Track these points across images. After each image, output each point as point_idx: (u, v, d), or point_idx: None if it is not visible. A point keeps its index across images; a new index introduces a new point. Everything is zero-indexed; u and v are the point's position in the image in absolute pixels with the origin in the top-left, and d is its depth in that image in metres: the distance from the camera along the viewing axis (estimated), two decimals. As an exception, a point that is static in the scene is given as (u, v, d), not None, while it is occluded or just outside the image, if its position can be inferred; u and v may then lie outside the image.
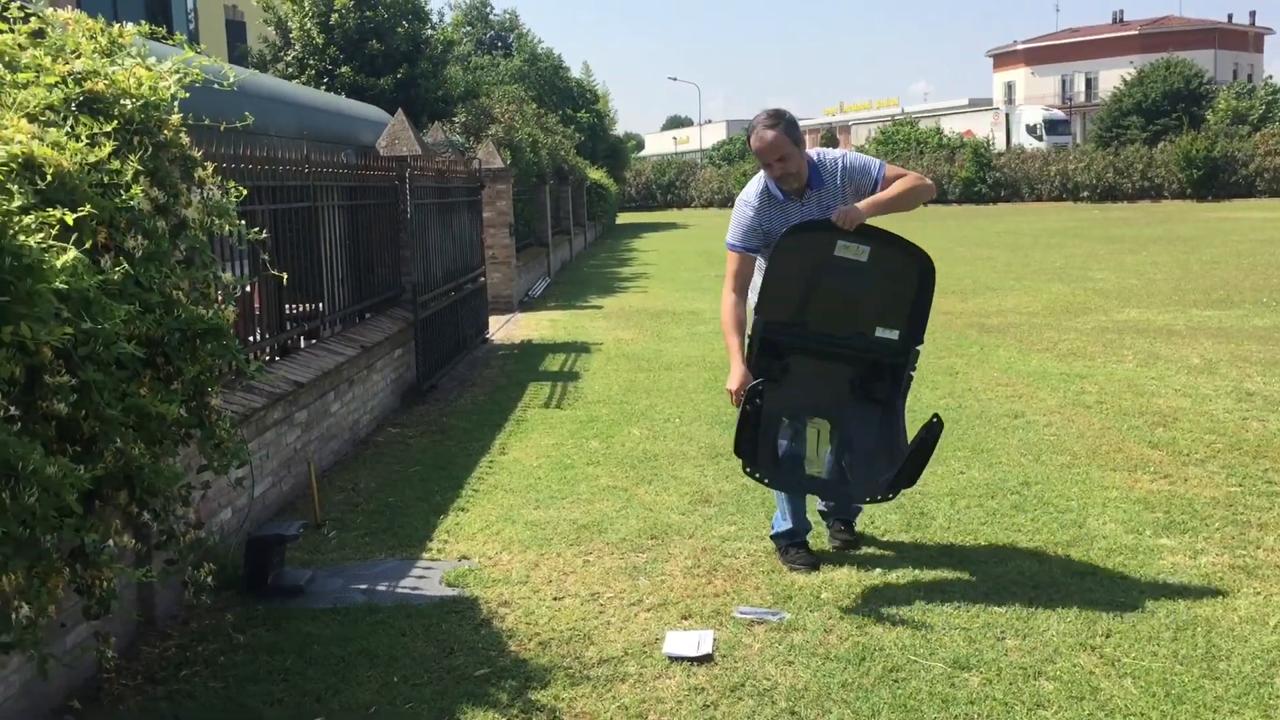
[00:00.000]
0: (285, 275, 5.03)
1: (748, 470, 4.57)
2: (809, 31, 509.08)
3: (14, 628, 2.67)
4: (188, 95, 3.89)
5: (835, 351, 4.67)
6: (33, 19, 3.62)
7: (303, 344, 7.01)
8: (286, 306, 6.74)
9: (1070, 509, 5.40)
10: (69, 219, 2.86)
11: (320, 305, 7.34)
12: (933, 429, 4.38)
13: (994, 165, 51.48)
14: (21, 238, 2.63)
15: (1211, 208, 39.68)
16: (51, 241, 2.75)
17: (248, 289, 5.76)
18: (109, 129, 3.39)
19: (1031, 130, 58.47)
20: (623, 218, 49.24)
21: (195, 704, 3.63)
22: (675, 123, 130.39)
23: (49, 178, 2.97)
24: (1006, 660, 3.78)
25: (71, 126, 3.31)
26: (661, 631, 4.11)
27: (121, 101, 3.56)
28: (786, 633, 4.07)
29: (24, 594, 2.71)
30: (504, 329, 13.39)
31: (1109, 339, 10.69)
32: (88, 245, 2.96)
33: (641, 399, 8.52)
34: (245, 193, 4.24)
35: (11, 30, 3.49)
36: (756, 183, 4.74)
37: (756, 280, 4.74)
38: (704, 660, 3.85)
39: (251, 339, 6.00)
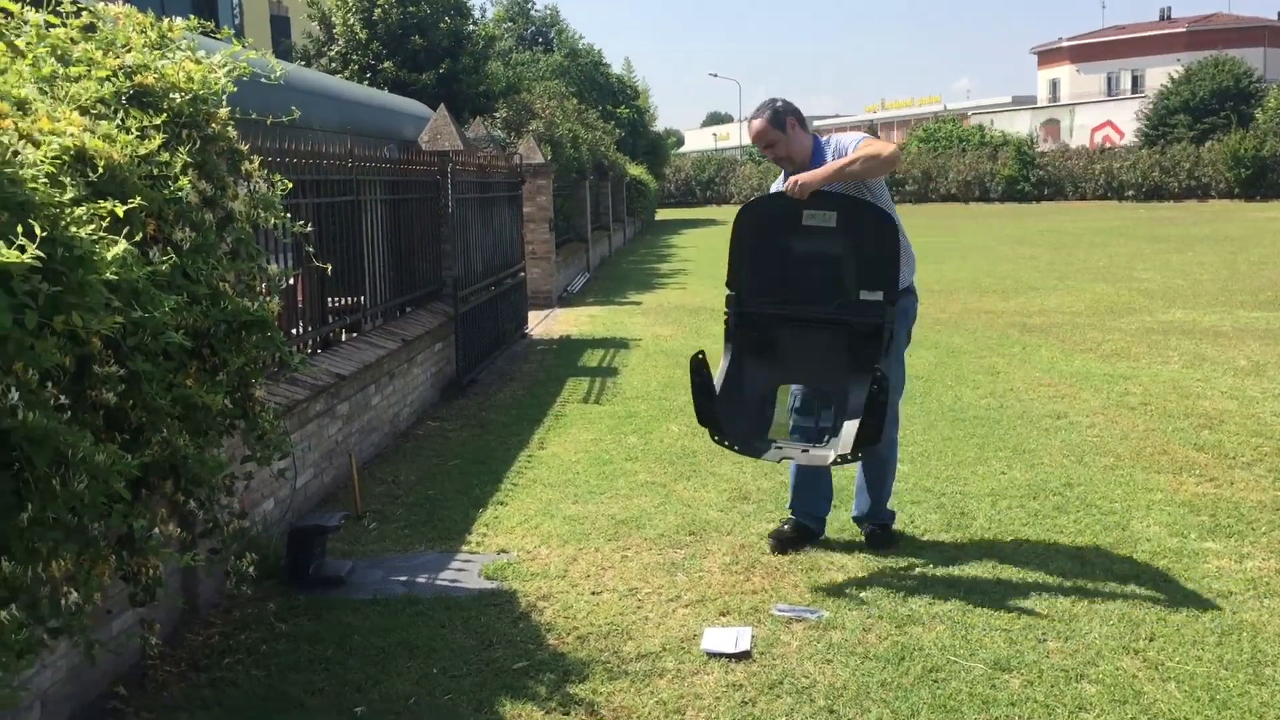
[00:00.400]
0: (330, 267, 5.06)
1: (716, 439, 4.70)
2: (850, 28, 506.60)
3: (62, 613, 2.71)
4: (235, 89, 3.93)
5: (823, 319, 4.67)
6: (84, 13, 3.66)
7: (344, 337, 7.06)
8: (329, 299, 6.79)
9: (1114, 511, 5.34)
10: (119, 211, 2.90)
11: (362, 299, 7.39)
12: (879, 381, 4.31)
13: (1037, 163, 50.93)
14: (73, 229, 2.67)
15: (1260, 207, 39.05)
16: (102, 233, 2.79)
17: (291, 282, 5.81)
18: (158, 122, 3.42)
19: None
20: (662, 214, 49.21)
21: (238, 691, 3.67)
22: (715, 119, 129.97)
23: (100, 170, 3.00)
24: (1048, 662, 3.75)
25: (122, 119, 3.34)
26: (699, 628, 4.10)
27: (171, 95, 3.59)
28: (825, 631, 4.05)
29: (72, 580, 2.75)
30: (543, 324, 13.43)
31: (1154, 340, 10.56)
32: (137, 237, 2.99)
33: (680, 395, 8.51)
34: (290, 186, 4.28)
35: (64, 24, 3.53)
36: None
37: None
38: (742, 657, 3.85)
39: (294, 331, 6.05)
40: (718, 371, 4.81)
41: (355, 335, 7.21)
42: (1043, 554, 4.80)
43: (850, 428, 4.49)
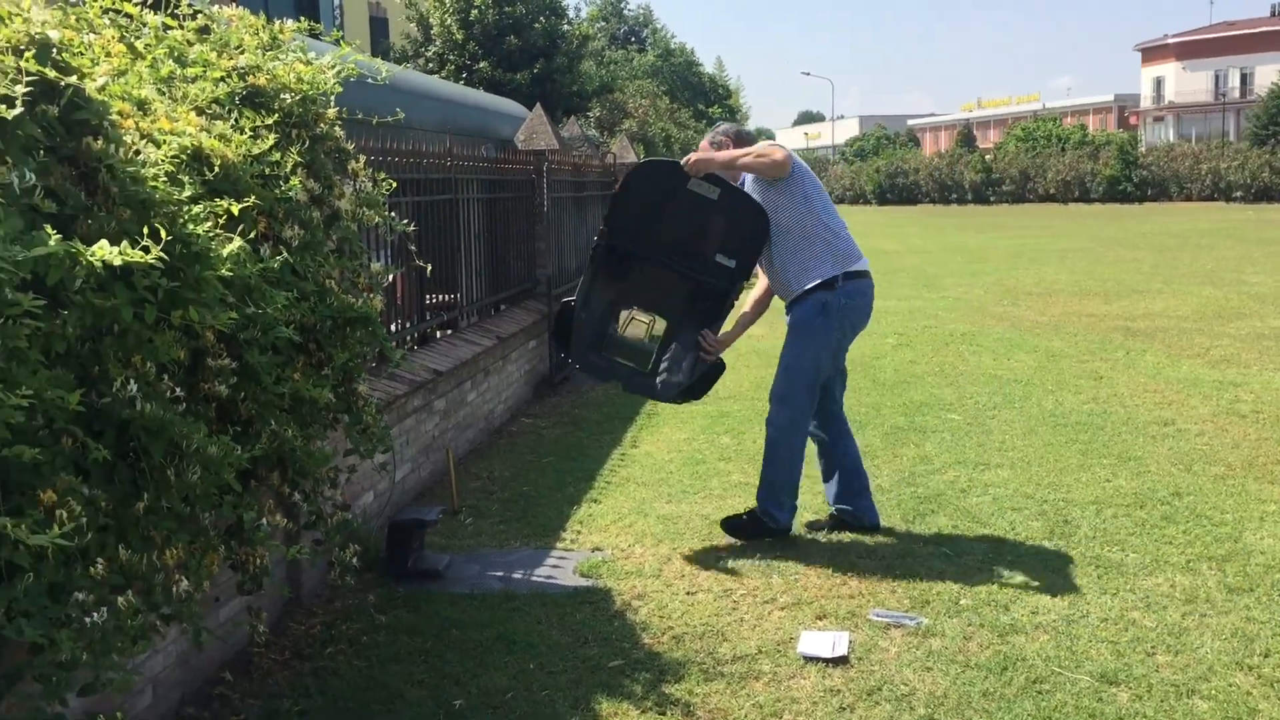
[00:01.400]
0: (430, 266, 5.13)
1: (563, 355, 5.45)
2: (946, 24, 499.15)
3: (174, 600, 2.78)
4: (341, 90, 4.00)
5: (676, 268, 5.20)
6: (199, 15, 3.75)
7: (439, 335, 7.15)
8: (426, 297, 6.88)
9: (1225, 522, 5.17)
10: (234, 209, 2.97)
11: (458, 296, 7.48)
12: (717, 366, 5.27)
13: (1140, 163, 49.68)
14: (190, 226, 2.73)
15: (1377, 209, 37.56)
16: (218, 231, 2.86)
17: (391, 279, 5.89)
18: (270, 122, 3.49)
19: None
20: (753, 213, 48.95)
21: (340, 681, 3.74)
22: (807, 118, 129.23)
23: (216, 169, 3.07)
24: (1157, 676, 3.64)
25: (236, 119, 3.42)
26: (795, 630, 4.07)
27: (281, 95, 3.66)
28: (924, 638, 3.98)
29: (184, 568, 2.82)
30: (634, 323, 13.42)
31: (1265, 345, 10.20)
32: (250, 235, 3.06)
33: (773, 396, 8.45)
34: (395, 185, 4.33)
35: (180, 26, 3.62)
36: None
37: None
38: (839, 662, 3.80)
39: (394, 328, 6.14)
40: (578, 292, 5.30)
41: (451, 332, 7.29)
42: (1150, 565, 4.66)
43: (677, 375, 5.17)
